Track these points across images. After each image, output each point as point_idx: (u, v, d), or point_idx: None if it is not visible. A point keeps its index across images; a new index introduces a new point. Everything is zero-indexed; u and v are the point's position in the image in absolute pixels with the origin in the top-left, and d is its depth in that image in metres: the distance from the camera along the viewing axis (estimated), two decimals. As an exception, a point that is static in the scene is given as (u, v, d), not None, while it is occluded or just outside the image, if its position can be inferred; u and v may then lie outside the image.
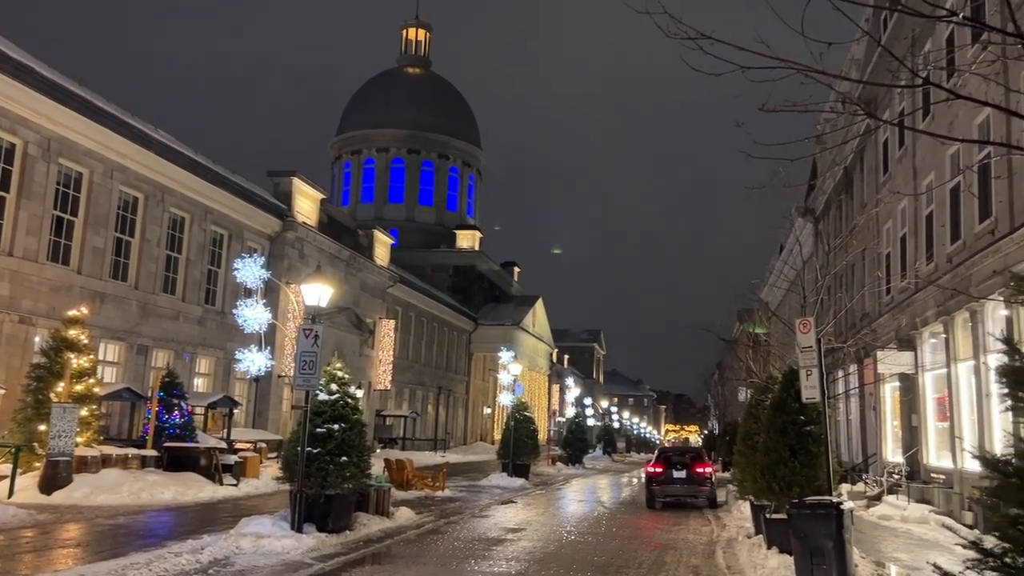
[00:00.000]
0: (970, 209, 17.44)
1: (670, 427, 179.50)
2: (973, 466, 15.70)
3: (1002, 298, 14.29)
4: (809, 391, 11.92)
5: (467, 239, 73.34)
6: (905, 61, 11.79)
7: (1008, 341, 4.00)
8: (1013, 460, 3.80)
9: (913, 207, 21.97)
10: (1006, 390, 3.92)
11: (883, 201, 24.10)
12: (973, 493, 15.23)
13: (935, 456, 20.33)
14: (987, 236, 16.19)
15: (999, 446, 13.45)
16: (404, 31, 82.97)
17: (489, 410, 68.18)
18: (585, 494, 28.67)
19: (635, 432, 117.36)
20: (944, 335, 19.00)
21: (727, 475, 28.51)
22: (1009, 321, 14.64)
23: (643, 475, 27.67)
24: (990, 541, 3.88)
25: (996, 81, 7.02)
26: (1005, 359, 4.09)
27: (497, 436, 51.65)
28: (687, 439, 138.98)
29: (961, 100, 5.98)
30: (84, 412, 19.37)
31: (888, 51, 6.27)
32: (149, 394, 23.54)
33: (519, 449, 31.49)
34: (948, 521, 16.49)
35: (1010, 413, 4.04)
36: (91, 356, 20.91)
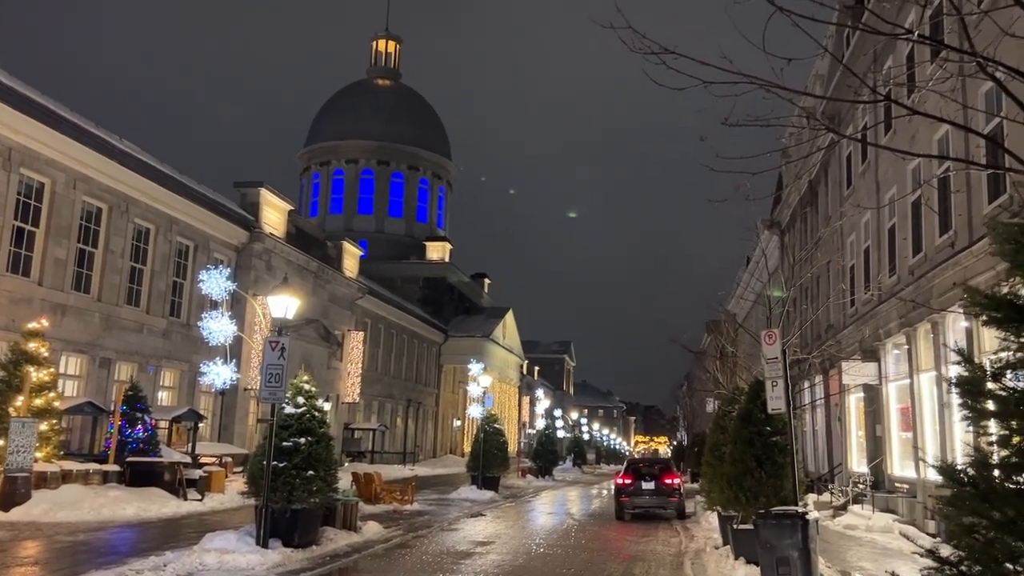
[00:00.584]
0: (931, 223, 17.78)
1: (640, 438, 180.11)
2: (935, 476, 15.93)
3: (962, 310, 14.56)
4: (775, 402, 12.05)
5: (437, 251, 73.20)
6: (867, 77, 12.03)
7: (963, 352, 4.08)
8: (968, 469, 3.87)
9: (876, 220, 22.35)
10: (961, 400, 3.99)
11: (847, 214, 24.49)
12: (931, 502, 15.46)
13: (899, 466, 20.62)
14: (947, 249, 16.52)
15: (960, 455, 13.67)
16: (374, 43, 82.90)
17: (459, 422, 67.91)
18: (555, 506, 28.65)
19: (605, 444, 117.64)
20: (907, 346, 19.31)
21: (696, 486, 28.67)
22: (969, 332, 14.92)
23: (612, 487, 27.72)
24: (947, 549, 3.94)
25: (952, 99, 7.19)
26: (962, 370, 4.16)
27: (467, 448, 51.48)
28: (657, 450, 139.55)
29: (922, 115, 6.10)
30: (44, 427, 19.00)
31: (849, 69, 6.40)
32: (112, 408, 23.14)
33: (489, 461, 31.40)
34: (909, 530, 16.70)
35: (966, 423, 4.11)
36: (51, 369, 20.52)
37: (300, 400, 14.33)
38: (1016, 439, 3.68)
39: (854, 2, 22.79)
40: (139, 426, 22.08)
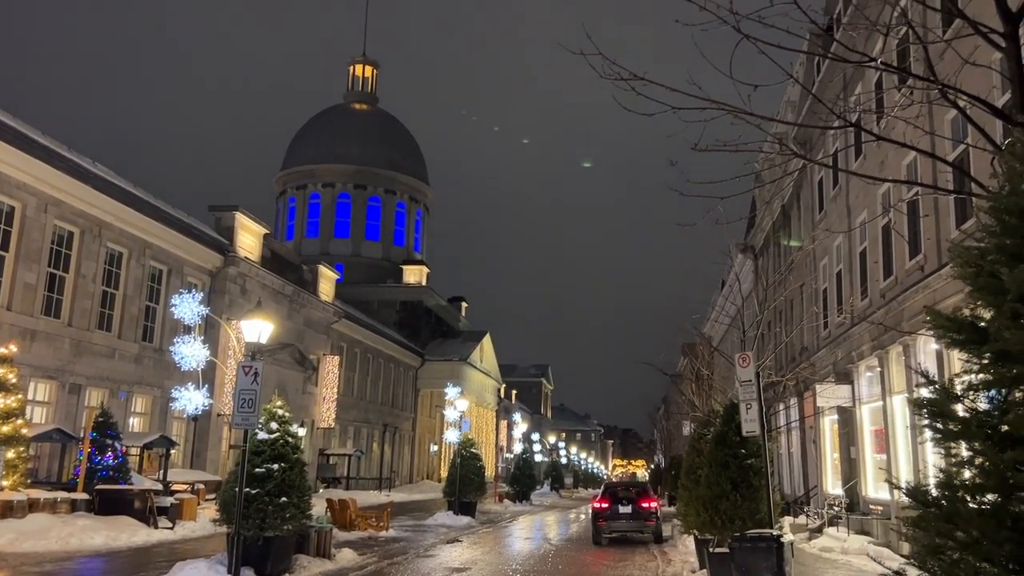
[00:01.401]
0: (901, 246, 18.04)
1: (617, 462, 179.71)
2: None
3: (932, 333, 14.72)
4: (749, 424, 12.11)
5: (414, 274, 73.04)
6: (838, 102, 12.23)
7: (927, 374, 4.14)
8: (934, 490, 3.91)
9: (848, 244, 22.64)
10: (928, 422, 4.04)
11: (819, 238, 24.80)
12: (898, 525, 15.53)
13: (873, 488, 20.73)
14: (917, 272, 16.75)
15: (932, 477, 13.76)
16: (351, 67, 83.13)
17: (436, 447, 67.44)
18: (532, 531, 28.46)
19: (583, 467, 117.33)
20: (879, 368, 19.49)
21: (673, 509, 28.58)
22: (939, 355, 15.09)
23: (590, 511, 27.61)
24: (914, 571, 3.97)
25: (915, 125, 7.35)
26: (928, 392, 4.22)
27: (444, 473, 51.09)
28: (634, 473, 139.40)
29: (888, 142, 6.23)
30: (11, 454, 18.64)
31: (816, 97, 6.51)
32: (81, 435, 22.74)
33: (465, 486, 31.18)
34: (883, 552, 16.76)
35: (933, 444, 4.16)
36: (19, 396, 20.17)
37: (273, 426, 14.18)
38: (979, 460, 3.73)
39: (823, 30, 23.23)
40: (109, 453, 21.70)
